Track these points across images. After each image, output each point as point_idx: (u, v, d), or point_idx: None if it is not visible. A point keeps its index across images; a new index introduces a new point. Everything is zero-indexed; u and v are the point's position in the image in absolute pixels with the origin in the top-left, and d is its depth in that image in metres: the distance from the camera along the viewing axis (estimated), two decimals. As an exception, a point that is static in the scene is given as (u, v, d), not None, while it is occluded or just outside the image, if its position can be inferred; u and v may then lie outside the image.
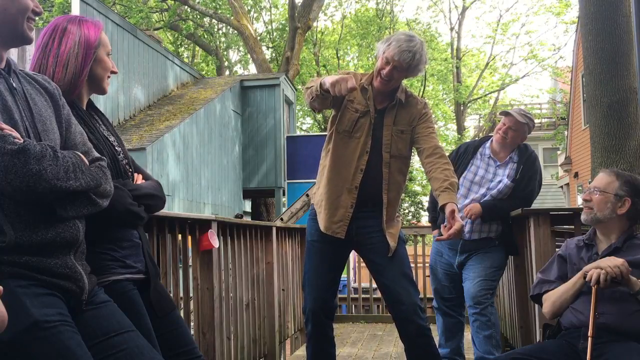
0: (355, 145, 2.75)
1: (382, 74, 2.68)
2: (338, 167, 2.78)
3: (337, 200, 2.78)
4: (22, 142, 1.34)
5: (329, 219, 2.78)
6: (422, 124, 2.79)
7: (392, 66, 2.65)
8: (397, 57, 2.62)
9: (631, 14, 4.03)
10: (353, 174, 2.75)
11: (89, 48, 1.76)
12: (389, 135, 2.76)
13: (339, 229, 2.77)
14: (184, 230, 2.89)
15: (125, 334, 1.56)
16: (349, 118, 2.76)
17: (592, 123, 5.90)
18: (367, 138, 2.75)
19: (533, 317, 3.35)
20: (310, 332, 2.85)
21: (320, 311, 2.82)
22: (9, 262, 1.35)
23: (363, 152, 2.75)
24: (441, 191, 2.60)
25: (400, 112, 2.79)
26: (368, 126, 2.75)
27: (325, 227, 2.79)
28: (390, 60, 2.64)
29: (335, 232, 2.78)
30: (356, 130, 2.75)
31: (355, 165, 2.75)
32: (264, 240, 4.19)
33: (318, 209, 2.86)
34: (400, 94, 2.79)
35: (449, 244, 3.59)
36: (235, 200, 13.10)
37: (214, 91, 12.75)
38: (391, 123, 2.77)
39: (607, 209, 2.41)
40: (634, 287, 2.21)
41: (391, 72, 2.66)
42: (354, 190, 2.76)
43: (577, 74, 16.54)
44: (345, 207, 2.76)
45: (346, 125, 2.76)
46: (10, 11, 1.45)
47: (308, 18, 16.61)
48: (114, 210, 1.65)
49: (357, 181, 2.75)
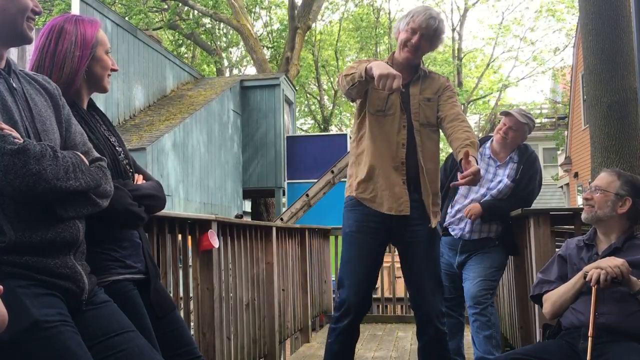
0: (392, 122, 2.74)
1: (410, 45, 2.72)
2: (379, 147, 2.75)
3: (389, 179, 2.73)
4: (22, 142, 1.34)
5: (392, 197, 2.72)
6: (445, 94, 2.83)
7: (419, 34, 2.71)
8: (425, 24, 2.69)
9: (631, 14, 4.03)
10: (396, 151, 2.74)
11: (85, 47, 1.76)
12: (417, 104, 2.77)
13: (403, 206, 2.72)
14: (184, 230, 2.88)
15: (125, 334, 1.56)
16: (379, 97, 2.75)
17: (592, 123, 5.90)
18: (402, 113, 2.75)
19: (533, 317, 3.35)
20: (345, 326, 2.76)
21: (362, 306, 2.77)
22: (9, 262, 1.35)
23: (400, 126, 2.74)
24: (462, 147, 2.57)
25: (425, 83, 2.83)
26: (399, 102, 2.76)
27: (388, 207, 2.73)
28: (418, 29, 2.70)
29: (400, 210, 2.72)
30: (389, 107, 2.75)
31: (396, 141, 2.74)
32: (264, 240, 4.19)
33: (369, 194, 2.77)
34: (423, 68, 2.85)
35: (449, 244, 3.59)
36: (235, 200, 13.10)
37: (214, 91, 12.75)
38: (417, 92, 2.79)
39: (607, 207, 2.41)
40: (634, 287, 2.21)
41: (419, 41, 2.71)
42: (401, 166, 2.73)
43: (577, 74, 16.54)
44: (399, 184, 2.73)
45: (378, 105, 2.76)
46: (10, 11, 1.45)
47: (308, 18, 16.61)
48: (114, 211, 1.65)
49: (402, 156, 2.73)
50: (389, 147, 2.74)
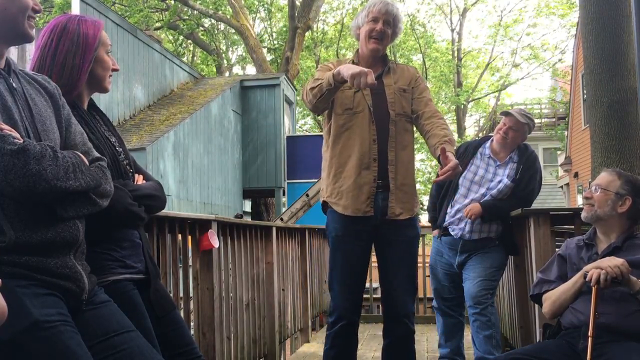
0: (362, 119, 2.71)
1: (375, 32, 2.73)
2: (350, 146, 2.72)
3: (359, 178, 2.69)
4: (22, 142, 1.34)
5: (357, 199, 2.69)
6: (418, 90, 2.81)
7: (382, 21, 2.72)
8: (384, 9, 2.71)
9: (631, 14, 4.03)
10: (368, 148, 2.70)
11: (87, 48, 1.75)
12: (392, 93, 2.75)
13: (368, 207, 2.69)
14: (184, 230, 2.88)
15: (126, 334, 1.56)
16: (346, 96, 2.73)
17: (592, 123, 5.90)
18: (369, 109, 2.71)
19: (533, 317, 3.35)
20: (339, 331, 2.75)
21: (353, 310, 2.76)
22: (9, 262, 1.35)
23: (370, 122, 2.71)
24: (439, 144, 2.59)
25: (396, 74, 2.82)
26: (365, 98, 2.72)
27: (354, 209, 2.69)
28: (379, 16, 2.71)
29: (365, 212, 2.69)
30: (357, 104, 2.72)
31: (367, 137, 2.70)
32: (264, 240, 4.19)
33: (336, 197, 2.75)
34: (391, 64, 2.84)
35: (449, 244, 3.59)
36: (235, 200, 13.09)
37: (214, 91, 12.74)
38: (392, 83, 2.78)
39: (607, 207, 2.41)
40: (634, 287, 2.21)
41: (383, 27, 2.72)
42: (372, 163, 2.69)
43: (577, 74, 16.54)
44: (369, 183, 2.69)
45: (346, 104, 2.73)
46: (11, 10, 1.45)
47: (308, 18, 16.61)
48: (114, 211, 1.65)
49: (373, 153, 2.70)
50: (360, 145, 2.70)
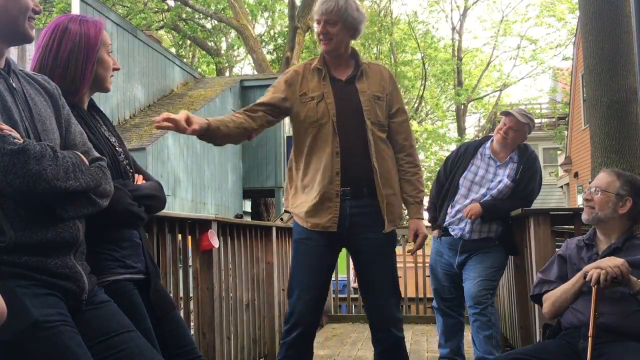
0: (327, 131, 2.58)
1: (320, 36, 2.61)
2: (314, 160, 2.61)
3: (320, 194, 2.56)
4: (22, 142, 1.34)
5: (317, 214, 2.57)
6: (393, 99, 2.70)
7: (323, 22, 2.57)
8: (321, 9, 2.57)
9: (631, 14, 4.03)
10: (331, 161, 2.56)
11: (89, 49, 1.75)
12: (367, 100, 2.62)
13: (330, 222, 2.56)
14: (184, 230, 2.89)
15: (126, 334, 1.56)
16: (310, 108, 2.61)
17: (592, 123, 5.89)
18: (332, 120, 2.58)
19: (533, 317, 3.35)
20: (295, 340, 2.59)
21: (312, 317, 2.62)
22: (9, 262, 1.35)
23: (333, 134, 2.57)
24: (410, 204, 2.72)
25: (370, 78, 2.68)
26: (329, 107, 2.59)
27: (313, 224, 2.58)
28: (319, 17, 2.59)
29: (326, 227, 2.56)
30: (321, 116, 2.59)
31: (330, 150, 2.56)
32: (264, 240, 4.19)
33: (299, 210, 2.64)
34: (364, 65, 2.70)
35: (449, 244, 3.59)
36: (235, 200, 13.09)
37: (214, 91, 12.75)
38: (366, 89, 2.64)
39: (608, 209, 2.40)
40: (634, 287, 2.20)
41: (324, 28, 2.57)
42: (335, 177, 2.56)
43: (577, 74, 16.53)
44: (331, 198, 2.56)
45: (311, 117, 2.60)
46: (11, 11, 1.45)
47: (308, 18, 16.61)
48: (114, 211, 1.64)
49: (336, 167, 2.56)
50: (323, 159, 2.57)
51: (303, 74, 2.68)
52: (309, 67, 2.69)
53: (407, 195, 2.72)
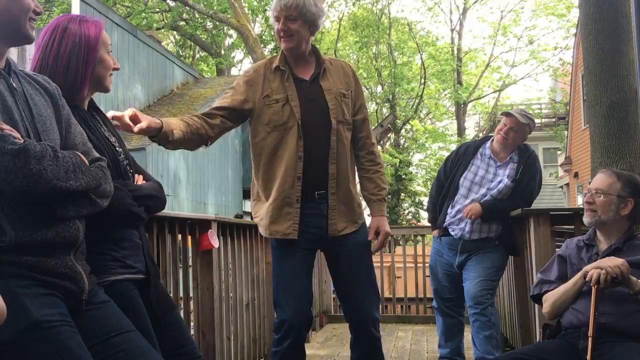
0: (292, 134, 2.51)
1: (281, 33, 2.52)
2: (275, 164, 2.54)
3: (280, 200, 2.51)
4: (23, 142, 1.34)
5: (277, 220, 2.52)
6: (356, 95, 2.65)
7: (283, 18, 2.49)
8: (279, 5, 2.47)
9: (631, 14, 4.03)
10: (294, 165, 2.50)
11: (90, 49, 1.75)
12: (333, 99, 2.56)
13: (289, 229, 2.50)
14: (184, 230, 2.89)
15: (125, 334, 1.56)
16: (275, 111, 2.53)
17: (592, 123, 5.89)
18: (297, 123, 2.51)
19: (533, 317, 3.35)
20: (286, 349, 2.51)
21: (303, 324, 2.53)
22: (9, 262, 1.35)
23: (298, 137, 2.50)
24: (372, 202, 2.69)
25: (333, 75, 2.62)
26: (294, 110, 2.52)
27: (272, 231, 2.52)
28: (278, 14, 2.49)
29: (286, 234, 2.50)
30: (287, 119, 2.52)
31: (293, 154, 2.50)
32: (264, 240, 4.18)
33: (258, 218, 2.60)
34: (326, 62, 2.64)
35: (449, 244, 3.59)
36: (236, 200, 13.09)
37: (214, 91, 12.75)
38: (331, 87, 2.58)
39: (611, 211, 2.39)
40: (634, 287, 2.21)
41: (285, 25, 2.49)
42: (297, 182, 2.49)
43: (577, 74, 16.53)
44: (291, 203, 2.50)
45: (276, 120, 2.52)
46: (13, 12, 1.46)
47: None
48: (114, 211, 1.65)
49: (299, 171, 2.50)
50: (284, 163, 2.51)
51: (264, 74, 2.59)
52: (270, 66, 2.59)
53: (368, 193, 2.69)
